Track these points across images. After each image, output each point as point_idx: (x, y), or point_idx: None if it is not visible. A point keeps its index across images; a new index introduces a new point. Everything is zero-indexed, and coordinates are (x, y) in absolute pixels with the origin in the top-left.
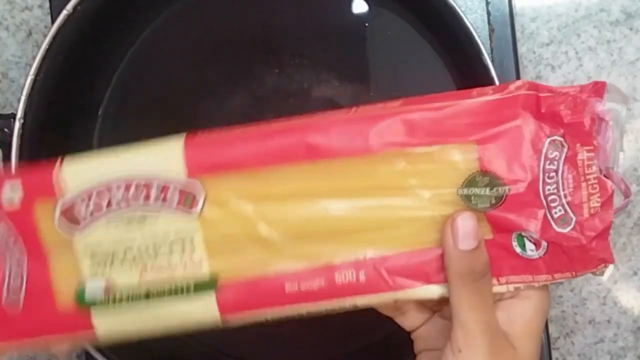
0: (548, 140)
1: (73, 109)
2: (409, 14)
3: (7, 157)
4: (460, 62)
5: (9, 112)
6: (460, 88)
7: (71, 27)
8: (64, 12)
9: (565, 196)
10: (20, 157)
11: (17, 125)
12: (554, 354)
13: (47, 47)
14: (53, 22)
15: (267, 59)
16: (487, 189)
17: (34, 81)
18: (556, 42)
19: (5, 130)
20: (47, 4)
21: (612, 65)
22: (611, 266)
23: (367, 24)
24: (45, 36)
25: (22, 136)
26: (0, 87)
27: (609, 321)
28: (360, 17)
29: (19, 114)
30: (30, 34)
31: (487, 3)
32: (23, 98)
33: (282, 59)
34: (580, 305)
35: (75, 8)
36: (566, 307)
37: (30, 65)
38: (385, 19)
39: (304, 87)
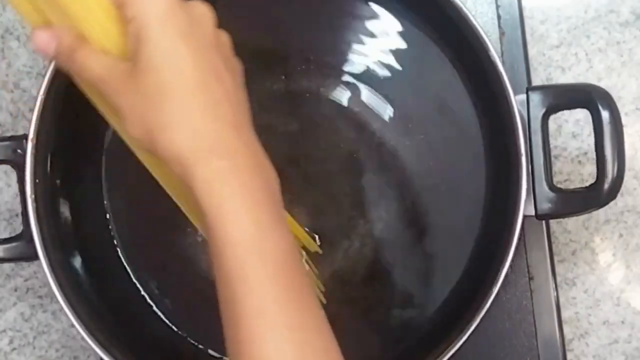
0: None
1: (84, 124)
2: (418, 17)
3: (21, 179)
4: (471, 65)
5: (22, 123)
6: (469, 90)
7: None
8: None
9: None
10: (35, 177)
11: (29, 145)
12: (569, 356)
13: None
14: None
15: (274, 66)
16: None
17: (45, 100)
18: (566, 44)
19: (18, 151)
20: None
21: (622, 66)
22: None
23: (374, 27)
24: None
25: (35, 156)
26: (13, 97)
27: (623, 322)
28: (367, 20)
29: (31, 134)
30: None
31: (497, 6)
32: (34, 118)
33: (289, 66)
34: (594, 306)
35: None
36: (580, 308)
37: (42, 76)
38: (392, 22)
39: (312, 92)
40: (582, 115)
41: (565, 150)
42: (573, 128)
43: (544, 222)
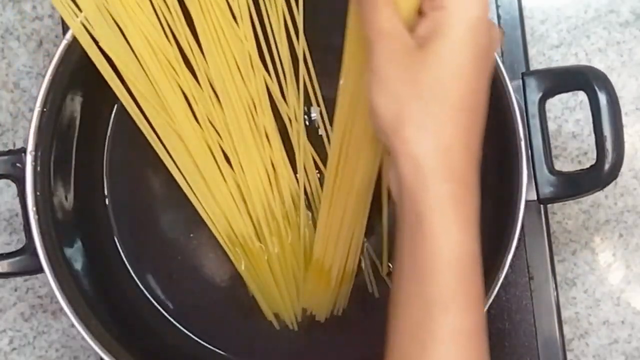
0: None
1: (83, 134)
2: None
3: (22, 192)
4: None
5: (22, 122)
6: None
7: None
8: None
9: None
10: (36, 190)
11: (29, 158)
12: (569, 356)
13: (52, 75)
14: (64, 32)
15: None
16: None
17: (42, 112)
18: (566, 44)
19: (18, 165)
20: (58, 14)
21: (622, 66)
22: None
23: None
24: (56, 46)
25: (35, 169)
26: (12, 98)
27: (622, 322)
28: None
29: (30, 147)
30: (41, 43)
31: (497, 6)
32: (32, 131)
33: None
34: (594, 306)
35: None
36: (580, 308)
37: (42, 76)
38: None
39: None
40: (582, 115)
41: (565, 150)
42: (573, 128)
43: (544, 222)
